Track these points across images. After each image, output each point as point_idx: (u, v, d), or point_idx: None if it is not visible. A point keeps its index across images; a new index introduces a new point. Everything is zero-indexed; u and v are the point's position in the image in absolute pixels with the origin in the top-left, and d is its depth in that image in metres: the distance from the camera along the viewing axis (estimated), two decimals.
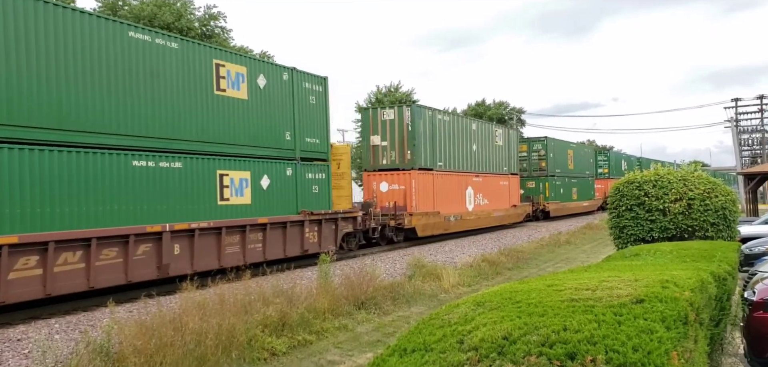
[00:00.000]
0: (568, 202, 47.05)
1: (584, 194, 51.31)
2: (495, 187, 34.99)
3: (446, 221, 28.89)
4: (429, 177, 27.91)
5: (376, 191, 27.02)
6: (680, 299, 4.32)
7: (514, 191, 37.94)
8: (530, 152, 44.04)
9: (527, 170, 43.47)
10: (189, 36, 35.67)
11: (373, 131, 28.10)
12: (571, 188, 47.82)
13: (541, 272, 17.92)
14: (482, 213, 33.13)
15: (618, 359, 3.21)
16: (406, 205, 26.35)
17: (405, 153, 27.19)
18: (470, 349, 3.47)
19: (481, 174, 33.34)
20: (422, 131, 27.50)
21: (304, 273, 16.97)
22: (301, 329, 10.53)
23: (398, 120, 27.41)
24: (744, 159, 58.45)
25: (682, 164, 54.93)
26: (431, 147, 28.28)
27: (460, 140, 31.27)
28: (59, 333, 10.86)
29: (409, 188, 26.59)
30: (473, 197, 32.30)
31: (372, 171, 27.96)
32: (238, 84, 17.62)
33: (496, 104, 72.15)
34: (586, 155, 53.82)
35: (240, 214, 17.34)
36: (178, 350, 8.45)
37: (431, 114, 28.54)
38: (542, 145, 44.28)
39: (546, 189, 43.32)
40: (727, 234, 12.73)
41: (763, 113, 57.40)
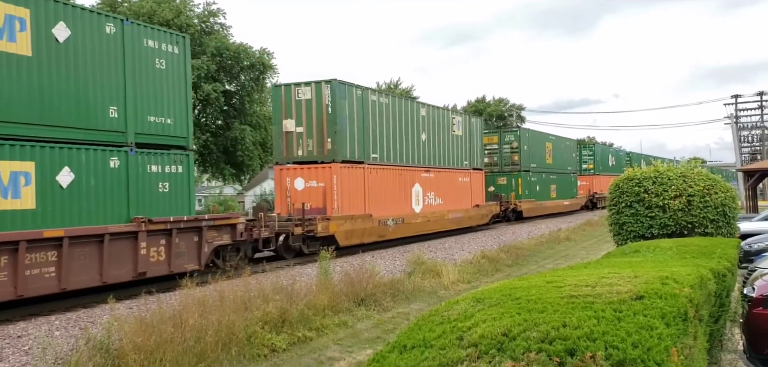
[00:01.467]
0: (546, 200, 42.55)
1: (565, 192, 46.92)
2: (452, 184, 30.13)
3: (382, 225, 23.56)
4: (358, 172, 22.85)
5: (290, 190, 22.11)
6: (680, 296, 4.33)
7: (478, 189, 33.23)
8: (501, 144, 39.52)
9: (498, 165, 39.32)
10: (188, 32, 35.67)
11: (286, 115, 22.62)
12: (548, 184, 43.34)
13: (541, 269, 17.93)
14: (434, 215, 28.13)
15: (617, 355, 3.21)
16: (327, 206, 21.55)
17: (325, 142, 21.95)
18: (470, 345, 3.47)
19: (433, 169, 28.38)
20: (348, 115, 22.33)
21: (304, 270, 16.98)
22: (301, 326, 10.54)
23: (316, 100, 22.06)
24: (744, 156, 58.42)
25: (681, 161, 54.64)
26: (362, 135, 23.08)
27: (405, 128, 26.20)
28: (59, 330, 10.87)
29: (329, 186, 21.64)
30: (422, 196, 27.29)
31: (285, 164, 22.64)
32: (11, 32, 12.38)
33: (496, 101, 72.20)
34: (567, 149, 49.00)
35: (11, 225, 12.14)
36: (178, 346, 8.46)
37: (361, 94, 23.26)
38: (515, 136, 39.78)
39: (518, 186, 38.73)
40: (727, 231, 12.73)
41: (763, 110, 57.39)
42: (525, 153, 39.47)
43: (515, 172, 38.90)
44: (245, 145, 38.18)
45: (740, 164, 51.50)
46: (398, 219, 24.87)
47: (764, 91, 57.42)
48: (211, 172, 42.26)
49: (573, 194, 49.09)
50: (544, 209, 42.28)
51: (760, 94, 57.58)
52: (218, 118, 38.45)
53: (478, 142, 33.83)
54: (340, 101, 22.05)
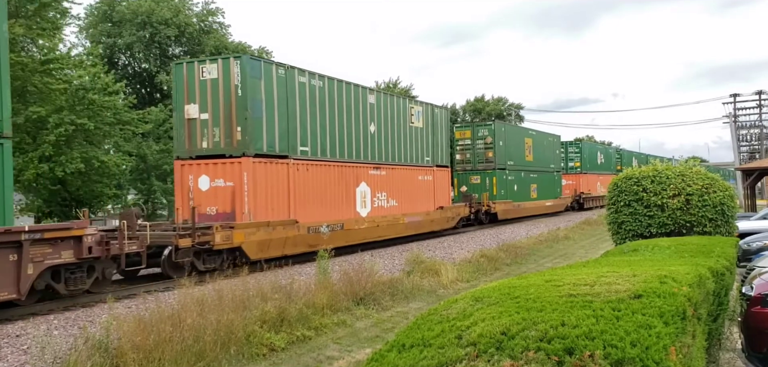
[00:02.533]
0: (525, 201, 39.08)
1: (547, 192, 43.26)
2: (409, 183, 26.32)
3: (313, 233, 19.86)
4: (279, 169, 18.92)
5: (193, 191, 18.26)
6: (678, 295, 4.33)
7: (443, 189, 29.51)
8: (475, 140, 36.14)
9: (471, 162, 36.12)
10: (187, 31, 35.65)
11: (189, 98, 18.58)
12: (528, 184, 39.92)
13: (540, 268, 17.95)
14: (385, 219, 24.20)
15: (616, 354, 3.22)
16: (236, 210, 17.65)
17: (233, 131, 17.97)
18: (469, 344, 3.47)
19: (384, 166, 24.48)
20: (264, 98, 18.37)
21: (303, 269, 16.98)
22: (300, 325, 10.54)
23: (224, 80, 18.05)
24: (742, 155, 58.50)
25: (680, 160, 54.48)
26: (285, 124, 19.15)
27: (347, 117, 22.26)
28: (58, 329, 10.86)
29: (238, 185, 17.72)
30: (369, 198, 23.32)
31: (186, 159, 18.57)
32: None
33: (495, 100, 72.15)
34: (550, 145, 45.01)
35: None
36: (177, 346, 8.46)
37: (285, 74, 19.28)
38: (489, 131, 36.25)
39: (493, 185, 35.33)
40: (725, 230, 12.74)
41: (762, 109, 57.45)
42: (500, 149, 36.24)
43: (489, 171, 35.67)
44: None
45: (739, 163, 51.55)
46: (336, 225, 21.03)
47: (763, 91, 57.51)
48: None
49: (556, 194, 45.65)
50: (523, 211, 38.83)
51: (759, 93, 57.65)
52: None
53: (443, 136, 29.84)
54: (253, 81, 18.00)
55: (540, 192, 41.72)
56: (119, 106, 25.68)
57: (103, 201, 26.97)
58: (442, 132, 29.84)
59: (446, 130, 30.41)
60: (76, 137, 22.97)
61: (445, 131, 30.09)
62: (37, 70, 21.72)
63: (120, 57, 36.78)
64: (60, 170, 22.00)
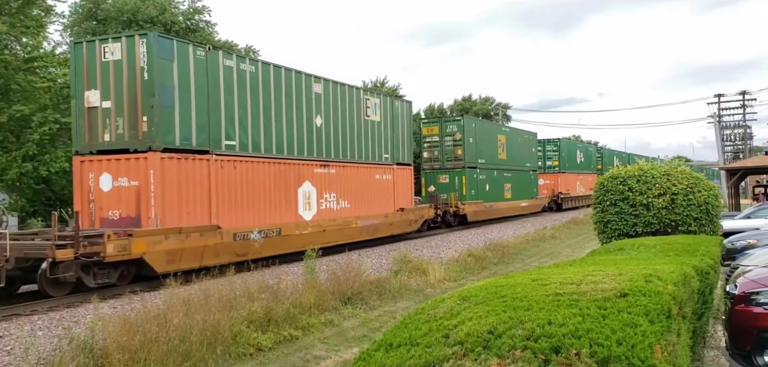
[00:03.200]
0: (498, 202, 37.08)
1: (522, 192, 41.25)
2: (364, 183, 23.87)
3: (242, 240, 17.28)
4: (198, 166, 16.31)
5: (94, 191, 15.79)
6: (663, 293, 4.36)
7: (404, 189, 27.12)
8: (443, 137, 33.96)
9: (439, 160, 34.01)
10: (172, 31, 35.45)
11: (90, 83, 16.00)
12: (501, 183, 37.87)
13: (527, 267, 18.02)
14: (334, 223, 21.71)
15: (602, 352, 3.23)
16: (142, 215, 15.29)
17: (139, 122, 15.48)
18: (456, 343, 3.47)
19: (334, 163, 22.02)
20: (177, 84, 15.86)
21: (290, 269, 16.93)
22: (287, 325, 10.51)
23: (128, 62, 15.57)
24: (726, 154, 59.08)
25: (665, 160, 54.74)
26: (206, 114, 16.66)
27: (287, 109, 19.77)
28: (42, 330, 10.75)
29: (144, 185, 15.26)
30: (315, 199, 20.90)
31: (87, 155, 16.04)
32: None
33: (482, 99, 72.35)
34: (525, 143, 43.02)
35: None
36: (163, 346, 8.41)
37: (205, 56, 16.74)
38: (458, 127, 33.95)
39: (462, 185, 33.23)
40: (710, 229, 12.86)
41: (745, 109, 58.06)
42: (470, 147, 34.04)
43: (459, 170, 33.52)
44: None
45: (723, 163, 52.07)
46: (271, 231, 18.51)
47: (746, 91, 58.19)
48: None
49: (532, 194, 43.70)
50: (496, 212, 36.83)
51: (743, 93, 58.26)
52: None
53: (405, 131, 27.50)
54: (163, 63, 15.52)
55: (514, 192, 39.75)
56: None
57: None
58: (404, 127, 27.40)
59: (408, 125, 27.91)
60: (60, 136, 22.75)
61: (407, 126, 27.70)
62: (21, 69, 21.51)
63: None
64: (44, 169, 21.78)
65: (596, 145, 67.44)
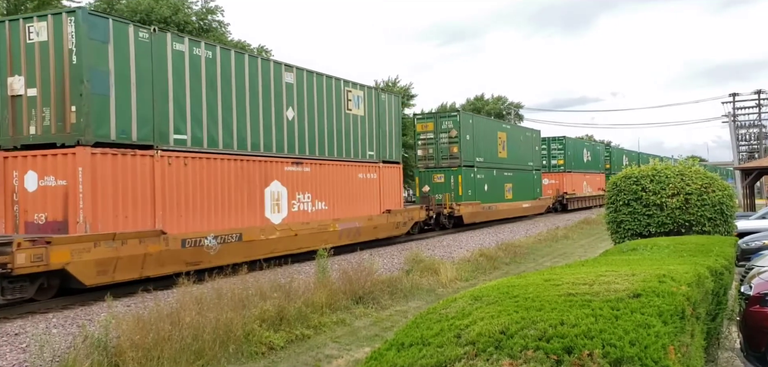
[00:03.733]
0: (498, 203, 35.09)
1: (524, 192, 39.09)
2: (345, 182, 21.76)
3: (192, 247, 15.32)
4: (138, 163, 14.48)
5: (18, 191, 13.98)
6: (677, 294, 4.34)
7: (392, 189, 25.07)
8: (438, 134, 32.05)
9: (435, 159, 32.06)
10: (186, 29, 35.66)
11: (13, 69, 14.15)
12: (501, 183, 35.90)
13: (539, 267, 17.96)
14: (308, 227, 19.47)
15: (615, 353, 3.22)
16: (69, 220, 13.41)
17: (67, 112, 13.61)
18: (467, 343, 3.47)
19: (308, 160, 19.87)
20: (114, 69, 14.00)
21: (302, 268, 16.97)
22: (299, 324, 10.54)
23: (55, 43, 13.70)
24: (741, 154, 58.59)
25: (679, 159, 54.09)
26: (149, 103, 14.75)
27: (248, 99, 17.71)
28: (57, 328, 10.86)
29: (72, 184, 13.39)
30: (285, 200, 18.74)
31: (10, 150, 14.18)
32: None
33: (495, 99, 72.21)
34: (528, 141, 40.76)
35: None
36: (176, 344, 8.46)
37: (150, 39, 14.84)
38: (454, 123, 31.98)
39: (458, 185, 31.14)
40: (724, 229, 12.76)
41: (761, 108, 57.50)
42: (467, 144, 32.15)
43: (455, 169, 31.44)
44: None
45: (737, 162, 51.60)
46: (230, 235, 16.49)
47: (762, 90, 57.59)
48: None
49: (535, 195, 41.32)
50: (495, 214, 34.70)
51: (758, 92, 57.72)
52: None
53: (393, 127, 25.44)
54: (95, 46, 13.63)
55: (516, 192, 37.58)
56: None
57: None
58: (392, 122, 25.25)
59: (397, 120, 25.86)
60: None
61: (395, 122, 25.55)
62: None
63: None
64: None
65: (605, 144, 65.04)
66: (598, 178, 55.40)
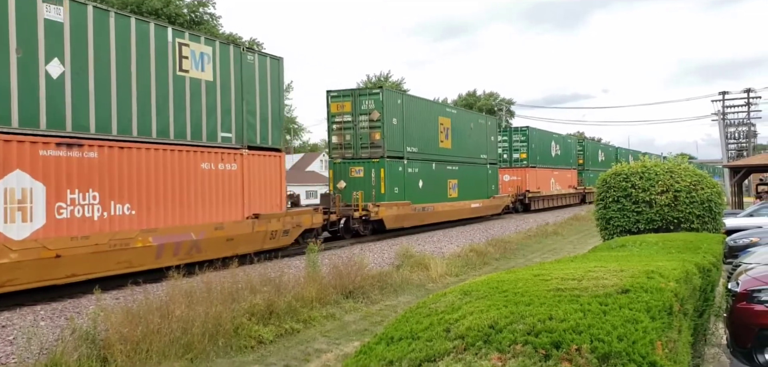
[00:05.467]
0: (438, 202, 28.95)
1: (474, 190, 32.87)
2: (177, 175, 15.32)
3: None
4: None
5: None
6: (665, 290, 4.37)
7: (266, 185, 18.19)
8: (357, 116, 25.46)
9: (353, 147, 25.51)
10: (177, 23, 35.50)
11: None
12: (444, 179, 29.85)
13: (528, 263, 18.04)
14: (88, 244, 12.90)
15: (603, 348, 3.24)
16: None
17: None
18: (457, 337, 3.48)
19: (93, 141, 13.30)
20: None
21: (292, 262, 16.96)
22: (289, 318, 10.54)
23: None
24: (730, 152, 59.04)
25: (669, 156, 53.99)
26: None
27: None
28: (45, 320, 10.80)
29: None
30: (43, 203, 12.25)
31: None
32: None
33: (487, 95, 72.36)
34: (480, 130, 34.33)
35: None
36: (165, 337, 8.44)
37: None
38: (376, 103, 25.24)
39: (380, 180, 24.81)
40: (713, 226, 12.85)
41: (750, 107, 57.94)
42: (394, 130, 25.82)
43: (376, 160, 25.03)
44: None
45: (726, 161, 52.00)
46: None
47: (751, 89, 58.04)
48: None
49: (489, 193, 34.97)
50: (432, 216, 28.52)
51: (747, 91, 58.18)
52: None
53: (271, 101, 18.53)
54: None
55: (463, 190, 31.61)
56: None
57: None
58: (268, 95, 18.43)
59: (277, 92, 18.82)
60: None
61: (272, 94, 18.59)
62: None
63: None
64: None
65: (579, 138, 58.47)
66: (569, 175, 50.66)
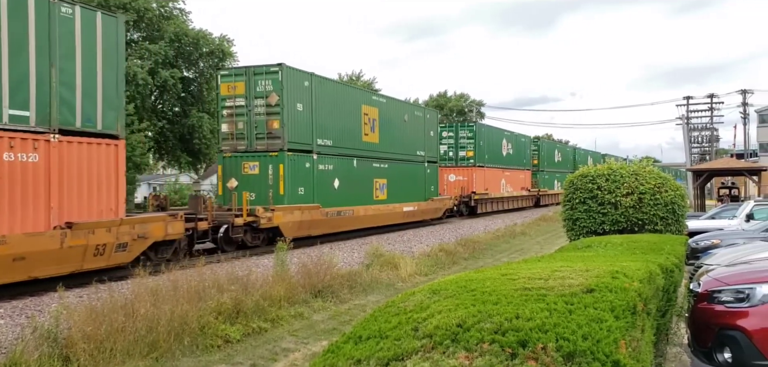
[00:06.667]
0: (360, 205, 24.85)
1: (407, 192, 29.03)
2: None
3: None
4: None
5: None
6: (629, 290, 4.44)
7: (87, 184, 13.78)
8: (251, 99, 21.07)
9: (247, 138, 21.14)
10: (146, 16, 34.89)
11: None
12: (368, 178, 26.04)
13: (497, 262, 18.18)
14: None
15: (568, 346, 3.28)
16: None
17: None
18: (425, 336, 3.49)
19: None
20: None
21: (261, 261, 16.82)
22: (256, 317, 10.45)
23: None
24: (693, 156, 60.29)
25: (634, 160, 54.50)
26: None
27: None
28: (4, 318, 10.53)
29: None
30: None
31: None
32: None
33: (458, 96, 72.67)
34: (417, 123, 30.66)
35: None
36: (130, 336, 8.31)
37: None
38: (274, 83, 20.75)
39: (279, 179, 20.48)
40: (676, 228, 13.11)
41: (713, 112, 59.26)
42: (298, 118, 21.48)
43: (274, 153, 20.72)
44: (203, 133, 37.65)
45: (690, 164, 53.11)
46: None
47: (714, 94, 59.37)
48: (167, 159, 41.63)
49: (426, 195, 31.22)
50: (352, 222, 24.35)
51: (711, 96, 59.49)
52: (175, 105, 37.91)
53: (104, 71, 14.30)
54: None
55: (394, 191, 27.77)
56: None
57: None
58: (98, 60, 14.24)
59: (114, 58, 14.64)
60: None
61: (108, 60, 14.46)
62: None
63: None
64: None
65: (533, 138, 53.86)
66: (523, 176, 47.63)
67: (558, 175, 55.57)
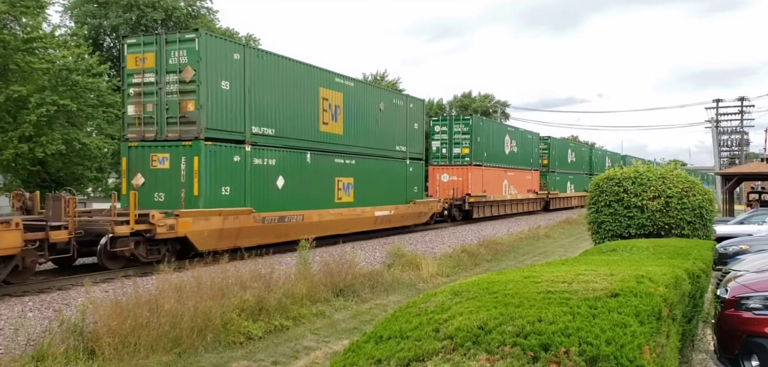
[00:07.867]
0: (319, 209, 20.47)
1: (383, 193, 24.48)
2: None
3: None
4: None
5: None
6: (654, 295, 4.38)
7: None
8: (162, 74, 16.74)
9: (156, 124, 16.76)
10: (174, 17, 35.31)
11: None
12: (329, 177, 21.50)
13: (519, 264, 18.06)
14: None
15: (591, 351, 3.24)
16: None
17: None
18: (446, 337, 3.48)
19: None
20: None
21: (284, 258, 16.91)
22: (278, 315, 10.51)
23: None
24: (722, 160, 59.24)
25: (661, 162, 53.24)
26: None
27: None
28: (32, 311, 10.73)
29: None
30: None
31: None
32: None
33: (482, 97, 72.21)
34: (396, 113, 25.97)
35: None
36: (154, 331, 8.41)
37: None
38: (190, 54, 16.35)
39: (193, 176, 16.04)
40: (703, 233, 12.91)
41: (743, 115, 58.17)
42: (223, 99, 17.06)
43: (188, 143, 16.37)
44: None
45: (719, 168, 52.21)
46: None
47: (745, 97, 58.21)
48: None
49: (406, 197, 26.48)
50: (301, 229, 18.61)
51: (741, 99, 58.32)
52: None
53: None
54: None
55: (363, 192, 23.27)
56: (103, 89, 25.29)
57: (84, 184, 26.37)
58: None
59: None
60: (57, 118, 22.61)
61: None
62: (20, 49, 21.37)
63: (105, 39, 36.31)
64: (40, 151, 21.65)
65: (541, 136, 47.55)
66: (529, 177, 42.34)
67: (571, 176, 51.52)
